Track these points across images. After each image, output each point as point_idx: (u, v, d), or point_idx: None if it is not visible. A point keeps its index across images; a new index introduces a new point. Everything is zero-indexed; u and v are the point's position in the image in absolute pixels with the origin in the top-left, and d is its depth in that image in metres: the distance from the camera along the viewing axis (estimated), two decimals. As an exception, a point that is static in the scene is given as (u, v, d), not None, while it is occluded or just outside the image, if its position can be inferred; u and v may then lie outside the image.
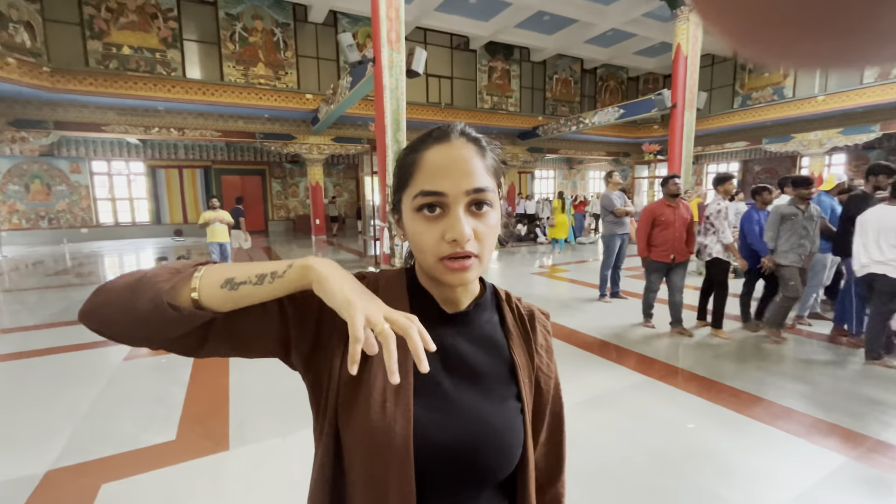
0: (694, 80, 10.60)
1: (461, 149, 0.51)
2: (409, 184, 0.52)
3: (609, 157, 19.08)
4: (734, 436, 2.33)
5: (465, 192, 0.49)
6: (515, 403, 0.56)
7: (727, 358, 3.46)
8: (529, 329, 0.62)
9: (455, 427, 0.51)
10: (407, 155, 0.54)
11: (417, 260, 0.56)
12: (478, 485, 0.53)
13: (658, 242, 3.98)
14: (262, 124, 12.35)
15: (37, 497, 1.92)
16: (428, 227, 0.50)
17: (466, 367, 0.55)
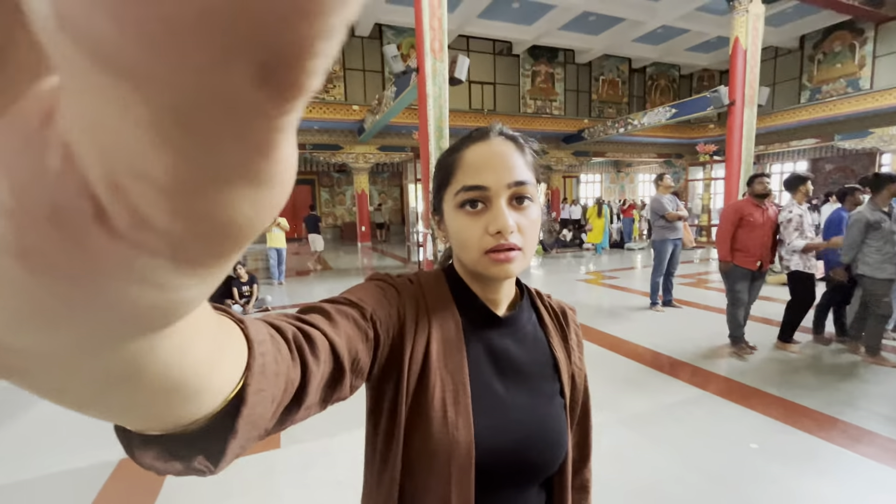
0: (754, 74, 9.95)
1: (500, 145, 0.52)
2: (450, 182, 0.53)
3: (660, 158, 18.26)
4: (804, 458, 2.13)
5: (506, 185, 0.50)
6: (560, 400, 0.58)
7: (797, 373, 3.18)
8: (564, 325, 0.64)
9: (513, 430, 0.52)
10: (448, 156, 0.55)
11: (460, 258, 0.56)
12: (531, 481, 0.54)
13: (743, 246, 3.52)
14: (312, 135, 12.93)
15: (113, 481, 2.10)
16: (471, 222, 0.51)
17: (516, 369, 0.56)
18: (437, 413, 0.49)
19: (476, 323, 0.55)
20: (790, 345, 3.64)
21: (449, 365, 0.51)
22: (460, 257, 0.55)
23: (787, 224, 3.49)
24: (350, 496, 1.96)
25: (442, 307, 0.54)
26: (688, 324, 4.49)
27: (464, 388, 0.50)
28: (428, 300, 0.55)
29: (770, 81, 14.60)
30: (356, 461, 2.26)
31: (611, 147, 16.94)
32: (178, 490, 2.02)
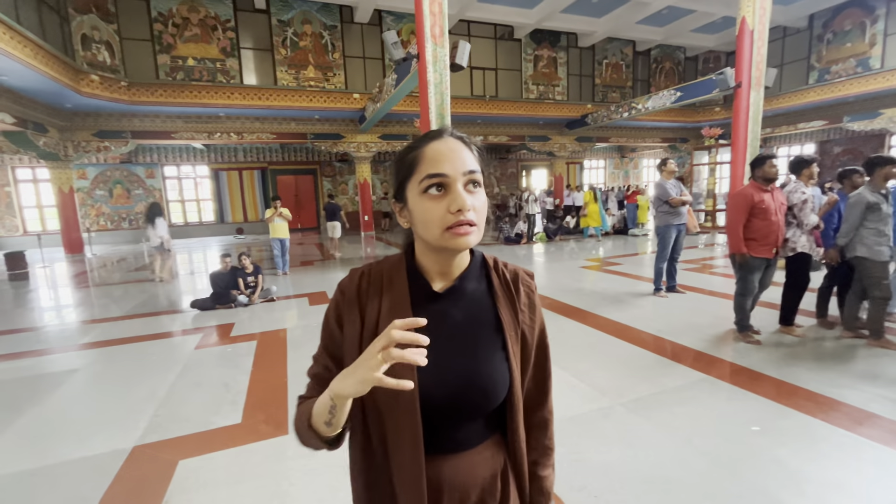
0: (762, 55, 9.75)
1: (453, 143, 0.65)
2: (413, 172, 0.65)
3: (664, 143, 18.06)
4: (806, 441, 2.15)
5: (462, 172, 0.63)
6: (501, 353, 0.70)
7: (799, 357, 3.19)
8: (514, 290, 0.75)
9: (450, 379, 0.66)
10: (408, 153, 0.67)
11: (423, 236, 0.66)
12: (472, 417, 0.70)
13: (759, 235, 3.38)
14: (313, 125, 12.85)
15: (127, 468, 2.15)
16: (434, 204, 0.62)
17: (459, 330, 0.69)
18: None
19: (421, 295, 0.69)
20: (793, 328, 3.64)
21: None
22: (423, 236, 0.66)
23: (802, 206, 3.37)
24: (358, 480, 2.00)
25: (396, 284, 0.70)
26: (692, 309, 4.49)
27: None
28: (384, 281, 0.71)
29: (778, 62, 14.33)
30: (363, 447, 2.29)
31: (615, 132, 16.75)
32: (189, 476, 2.07)
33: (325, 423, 0.62)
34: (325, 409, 0.61)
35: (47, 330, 4.71)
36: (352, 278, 0.72)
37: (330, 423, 0.61)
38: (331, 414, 0.60)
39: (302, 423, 0.66)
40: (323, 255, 9.84)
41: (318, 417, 0.63)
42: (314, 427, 0.64)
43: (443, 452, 0.68)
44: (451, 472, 0.69)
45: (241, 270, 5.54)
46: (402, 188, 0.67)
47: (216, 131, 11.93)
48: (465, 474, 0.69)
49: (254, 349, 3.82)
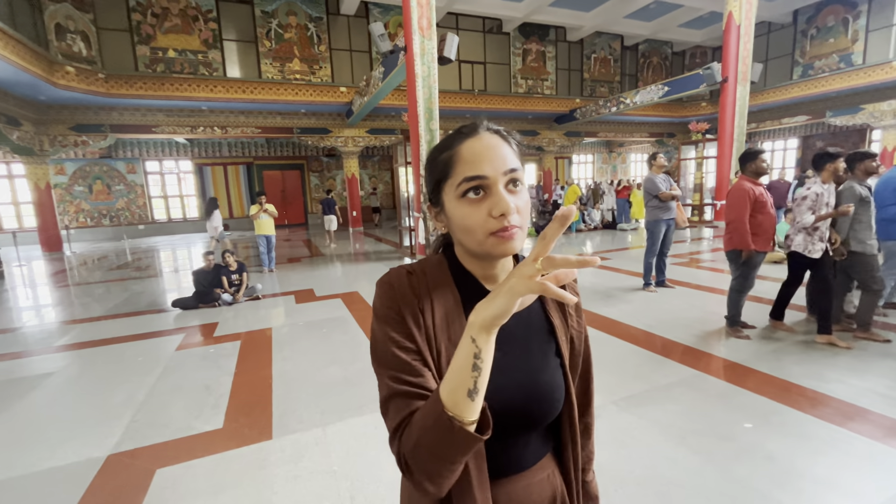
0: (748, 50, 9.84)
1: (490, 139, 0.59)
2: (450, 175, 0.59)
3: (652, 138, 18.18)
4: (799, 437, 2.14)
5: (502, 172, 0.57)
6: (555, 359, 0.66)
7: (790, 352, 3.20)
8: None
9: (509, 388, 0.61)
10: (442, 152, 0.61)
11: (463, 242, 0.61)
12: (530, 428, 0.64)
13: (760, 229, 3.35)
14: (299, 119, 12.63)
15: (100, 479, 2.05)
16: (474, 209, 0.57)
17: (512, 336, 0.63)
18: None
19: (473, 297, 0.62)
20: (781, 323, 3.65)
21: (452, 335, 0.61)
22: (463, 241, 0.61)
23: (800, 202, 3.27)
24: (344, 486, 1.93)
25: (443, 287, 0.64)
26: (681, 304, 4.50)
27: None
28: (430, 283, 0.63)
29: (763, 58, 14.47)
30: (350, 451, 2.23)
31: (603, 127, 16.80)
32: (167, 486, 1.98)
33: (470, 390, 0.48)
34: (468, 364, 0.48)
35: (21, 331, 4.53)
36: (399, 275, 0.64)
37: (476, 390, 0.48)
38: (476, 370, 0.48)
39: (431, 425, 0.50)
40: (311, 251, 9.69)
41: (456, 390, 0.48)
42: (453, 414, 0.48)
43: (497, 475, 0.62)
44: (507, 498, 0.63)
45: (224, 268, 5.39)
46: (438, 191, 0.62)
47: (199, 125, 11.64)
48: (523, 497, 0.64)
49: (238, 349, 3.71)
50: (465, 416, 0.49)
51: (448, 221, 0.62)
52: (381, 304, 0.62)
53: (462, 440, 0.49)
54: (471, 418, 0.49)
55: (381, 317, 0.61)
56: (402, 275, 0.64)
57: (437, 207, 0.64)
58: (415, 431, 0.52)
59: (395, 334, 0.59)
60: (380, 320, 0.61)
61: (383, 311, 0.61)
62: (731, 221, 3.45)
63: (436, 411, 0.50)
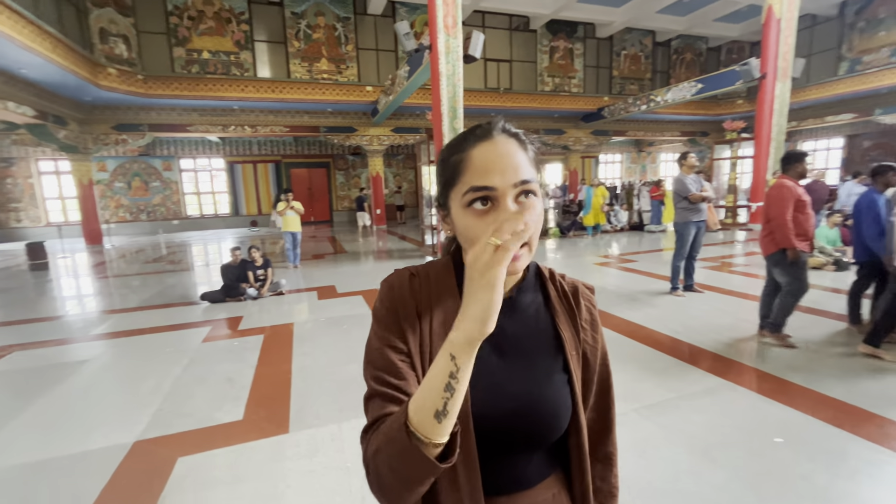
0: (789, 45, 9.37)
1: (505, 144, 0.54)
2: (457, 181, 0.56)
3: (684, 137, 17.60)
4: (835, 456, 2.01)
5: (513, 184, 0.53)
6: (562, 375, 0.62)
7: (831, 364, 3.02)
8: (574, 304, 0.67)
9: (506, 400, 0.57)
10: (452, 154, 0.57)
11: (468, 251, 0.57)
12: (530, 447, 0.60)
13: (801, 230, 3.19)
14: (326, 118, 12.84)
15: (125, 464, 2.13)
16: (479, 221, 0.53)
17: (514, 347, 0.61)
18: None
19: None
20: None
21: None
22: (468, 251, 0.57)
23: None
24: (356, 483, 1.94)
25: (445, 293, 0.61)
26: (710, 309, 4.32)
27: None
28: (432, 288, 0.61)
29: (806, 52, 13.75)
30: (364, 449, 2.23)
31: (632, 125, 16.37)
32: (187, 474, 2.04)
33: (438, 412, 0.44)
34: (440, 383, 0.44)
35: (63, 320, 4.78)
36: (401, 277, 0.63)
37: (445, 412, 0.44)
38: (448, 391, 0.44)
39: (393, 437, 0.47)
40: (335, 248, 9.84)
41: (424, 408, 0.45)
42: (418, 432, 0.45)
43: (496, 493, 0.59)
44: None
45: (250, 263, 5.54)
46: (446, 194, 0.59)
47: (230, 124, 12.01)
48: None
49: (260, 343, 3.80)
50: (431, 436, 0.45)
51: (454, 227, 0.59)
52: (379, 304, 0.61)
53: (418, 462, 0.45)
54: (437, 440, 0.45)
55: (377, 317, 0.60)
56: (405, 277, 0.62)
57: (444, 210, 0.61)
58: (378, 437, 0.50)
59: (388, 334, 0.58)
60: (375, 320, 0.60)
61: (380, 312, 0.60)
62: (773, 219, 3.27)
63: (399, 423, 0.46)
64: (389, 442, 0.47)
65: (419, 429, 0.45)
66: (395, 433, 0.46)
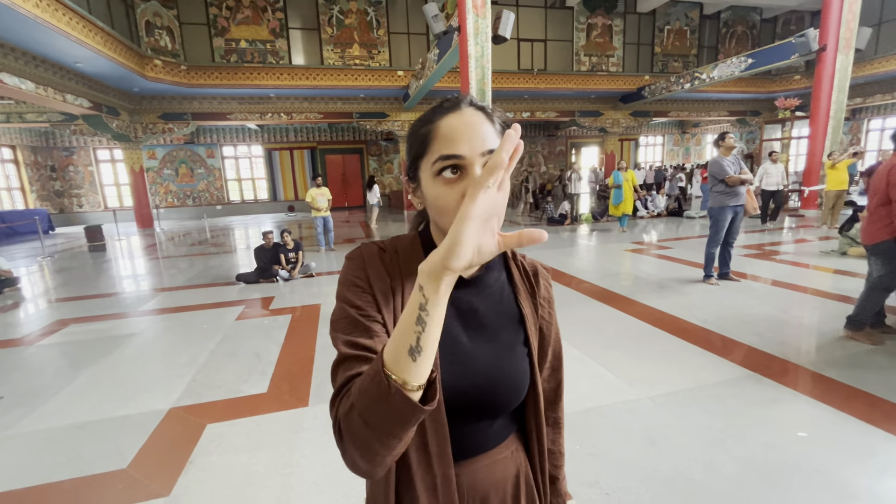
0: (853, 13, 8.56)
1: (472, 116, 0.56)
2: (426, 152, 0.57)
3: (732, 117, 16.55)
4: (861, 452, 1.90)
5: (480, 153, 0.54)
6: (523, 348, 0.66)
7: (869, 357, 2.82)
8: (534, 283, 0.71)
9: (475, 374, 0.60)
10: (421, 126, 0.59)
11: (437, 222, 0.60)
12: (494, 414, 0.64)
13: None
14: (358, 104, 12.98)
15: (161, 428, 2.33)
16: (448, 189, 0.55)
17: (481, 323, 0.63)
18: None
19: None
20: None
21: None
22: (438, 222, 0.59)
23: None
24: (367, 456, 2.03)
25: (413, 266, 0.61)
26: (746, 300, 4.12)
27: None
28: (401, 264, 0.62)
29: (875, 21, 12.48)
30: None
31: (675, 105, 15.54)
32: (214, 439, 2.20)
33: (412, 347, 0.42)
34: (412, 316, 0.42)
35: (117, 297, 5.19)
36: (370, 250, 0.62)
37: (419, 348, 0.42)
38: (420, 324, 0.42)
39: (367, 385, 0.44)
40: (366, 233, 10.04)
41: (398, 347, 0.43)
42: (393, 374, 0.43)
43: (463, 457, 0.63)
44: (471, 477, 0.64)
45: (282, 246, 5.76)
46: (415, 166, 0.60)
47: (267, 112, 12.38)
48: (485, 478, 0.65)
49: (288, 322, 3.98)
50: (408, 378, 0.43)
51: (424, 199, 0.61)
52: (349, 273, 0.60)
53: (399, 406, 0.42)
54: (413, 382, 0.43)
55: (346, 284, 0.59)
56: (374, 251, 0.63)
57: (413, 183, 0.62)
58: (352, 393, 0.47)
59: (359, 301, 0.57)
60: (345, 287, 0.59)
61: (350, 280, 0.59)
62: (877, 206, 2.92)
63: (374, 369, 0.44)
64: (364, 393, 0.45)
65: (395, 371, 0.43)
66: (369, 383, 0.44)
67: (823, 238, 7.07)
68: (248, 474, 1.94)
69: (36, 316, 4.52)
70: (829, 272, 5.01)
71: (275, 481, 1.88)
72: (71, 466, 2.03)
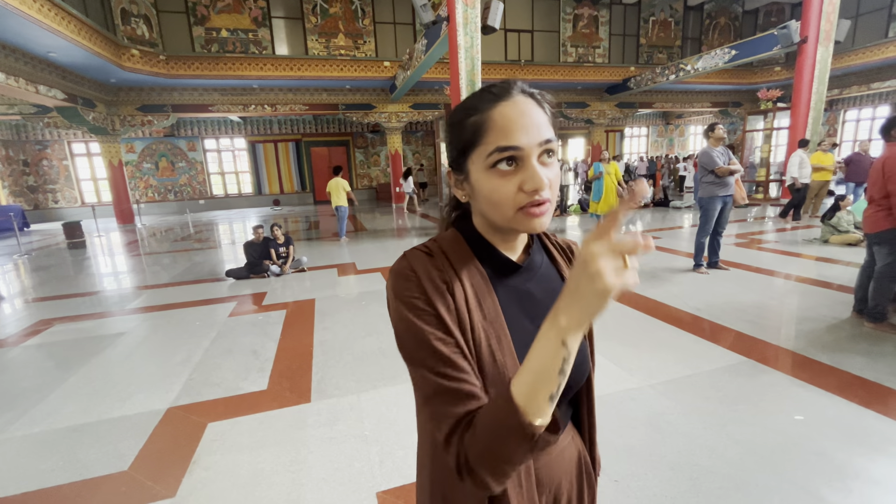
0: (833, 5, 8.74)
1: (525, 104, 0.54)
2: (479, 142, 0.54)
3: (715, 108, 16.80)
4: (856, 433, 1.97)
5: (538, 143, 0.53)
6: None
7: (860, 341, 2.92)
8: (572, 259, 0.71)
9: None
10: (469, 116, 0.56)
11: (488, 215, 0.58)
12: (564, 398, 0.64)
13: None
14: (344, 95, 12.77)
15: (160, 428, 2.28)
16: (504, 181, 0.53)
17: (541, 306, 0.62)
18: (487, 358, 0.55)
19: (500, 272, 0.61)
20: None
21: (486, 314, 0.57)
22: (488, 214, 0.58)
23: None
24: (374, 450, 2.02)
25: (467, 265, 0.60)
26: (735, 287, 4.21)
27: (504, 332, 0.58)
28: (453, 262, 0.59)
29: (853, 13, 12.77)
30: (381, 418, 2.31)
31: (659, 97, 15.71)
32: (216, 438, 2.16)
33: (552, 394, 0.45)
34: (555, 367, 0.43)
35: (100, 295, 5.04)
36: (419, 259, 0.58)
37: (558, 392, 0.45)
38: (562, 375, 0.44)
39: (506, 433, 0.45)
40: (355, 227, 9.95)
41: (539, 394, 0.44)
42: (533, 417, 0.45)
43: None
44: (547, 468, 0.64)
45: (273, 241, 5.67)
46: (463, 158, 0.57)
47: (251, 103, 12.10)
48: (558, 467, 0.66)
49: (283, 318, 3.93)
50: (545, 418, 0.45)
51: (472, 191, 0.58)
52: (407, 293, 0.56)
53: (542, 446, 0.47)
54: (545, 421, 0.46)
55: (407, 306, 0.55)
56: (422, 259, 0.59)
57: (460, 175, 0.60)
58: (484, 438, 0.47)
59: (430, 328, 0.54)
60: (408, 310, 0.55)
61: (410, 301, 0.55)
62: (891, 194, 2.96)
63: (514, 422, 0.45)
64: (504, 439, 0.45)
65: (533, 412, 0.44)
66: (509, 429, 0.45)
67: (806, 227, 7.27)
68: (254, 472, 1.91)
69: (16, 316, 4.37)
70: (812, 259, 5.16)
71: (283, 478, 1.86)
72: (69, 470, 1.98)
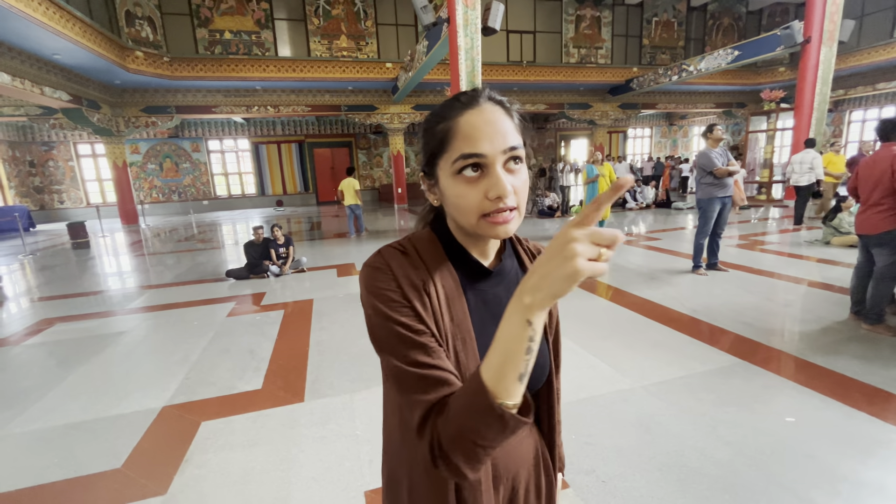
0: (837, 5, 8.68)
1: (492, 112, 0.55)
2: (445, 149, 0.56)
3: (719, 109, 16.71)
4: (848, 436, 1.96)
5: (502, 151, 0.54)
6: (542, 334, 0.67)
7: (856, 343, 2.91)
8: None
9: None
10: (438, 122, 0.57)
11: (456, 220, 0.59)
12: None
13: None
14: (347, 97, 12.82)
15: (154, 427, 2.30)
16: (469, 188, 0.54)
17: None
18: (452, 358, 0.56)
19: (471, 277, 0.63)
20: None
21: (454, 316, 0.59)
22: (457, 220, 0.59)
23: None
24: (365, 450, 2.03)
25: (440, 266, 0.61)
26: (734, 289, 4.19)
27: (469, 335, 0.59)
28: (426, 262, 0.60)
29: (857, 13, 12.68)
30: (373, 418, 2.32)
31: (662, 98, 15.66)
32: (209, 437, 2.18)
33: (521, 374, 0.45)
34: (521, 347, 0.44)
35: (101, 295, 5.09)
36: (393, 255, 0.59)
37: (526, 372, 0.45)
38: (529, 354, 0.44)
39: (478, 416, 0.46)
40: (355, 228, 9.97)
41: (507, 376, 0.45)
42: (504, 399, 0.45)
43: None
44: (505, 458, 0.67)
45: (273, 241, 5.70)
46: (433, 163, 0.59)
47: (254, 105, 12.17)
48: (516, 457, 0.68)
49: (280, 318, 3.95)
50: (515, 399, 0.46)
51: (441, 196, 0.60)
52: (378, 284, 0.57)
53: (513, 427, 0.46)
54: (515, 402, 0.46)
55: (378, 297, 0.56)
56: (397, 256, 0.60)
57: (430, 180, 0.61)
58: (456, 421, 0.48)
59: (404, 318, 0.54)
60: (378, 301, 0.56)
61: (384, 294, 0.56)
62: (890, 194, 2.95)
63: (484, 403, 0.45)
64: (475, 421, 0.46)
65: (503, 395, 0.45)
66: (481, 412, 0.45)
67: (809, 228, 7.23)
68: (245, 471, 1.93)
69: (20, 315, 4.42)
70: (813, 261, 5.13)
71: (273, 477, 1.88)
72: (64, 467, 2.01)
